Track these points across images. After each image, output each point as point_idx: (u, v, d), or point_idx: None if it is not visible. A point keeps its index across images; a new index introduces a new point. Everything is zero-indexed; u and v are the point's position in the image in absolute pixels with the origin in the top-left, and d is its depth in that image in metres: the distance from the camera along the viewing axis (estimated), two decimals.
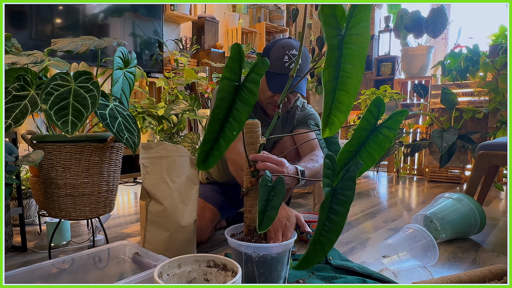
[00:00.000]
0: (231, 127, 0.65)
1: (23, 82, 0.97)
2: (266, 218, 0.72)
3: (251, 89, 0.65)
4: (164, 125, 2.55)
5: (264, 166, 0.87)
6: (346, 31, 0.56)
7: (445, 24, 2.82)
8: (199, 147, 0.66)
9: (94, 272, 0.92)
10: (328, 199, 0.60)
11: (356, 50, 0.56)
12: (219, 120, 0.65)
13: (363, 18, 0.55)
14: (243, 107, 0.65)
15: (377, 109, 0.65)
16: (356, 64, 0.57)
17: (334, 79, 0.58)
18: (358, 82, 0.58)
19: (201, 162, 0.66)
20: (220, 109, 0.65)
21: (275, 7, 4.08)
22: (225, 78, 0.64)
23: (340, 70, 0.57)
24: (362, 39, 0.56)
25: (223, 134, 0.65)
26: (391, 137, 0.67)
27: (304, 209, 1.90)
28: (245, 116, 0.65)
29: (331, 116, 0.60)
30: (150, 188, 1.06)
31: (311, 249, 0.59)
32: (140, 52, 3.00)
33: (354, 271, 1.05)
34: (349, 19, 0.55)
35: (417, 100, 3.30)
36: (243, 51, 0.63)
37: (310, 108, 1.43)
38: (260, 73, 0.64)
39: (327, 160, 0.61)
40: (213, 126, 0.65)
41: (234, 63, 0.63)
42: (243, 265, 0.85)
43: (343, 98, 0.59)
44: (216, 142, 0.66)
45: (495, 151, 1.60)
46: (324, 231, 0.59)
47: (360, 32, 0.56)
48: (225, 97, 0.64)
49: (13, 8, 2.27)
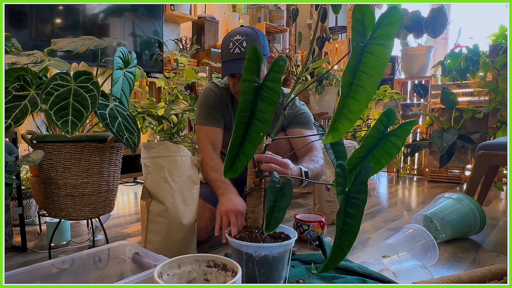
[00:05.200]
0: (256, 128, 0.64)
1: (23, 82, 0.97)
2: (273, 219, 0.73)
3: (273, 88, 0.63)
4: (164, 125, 2.55)
5: (269, 167, 0.87)
6: (370, 39, 0.55)
7: (445, 24, 2.81)
8: (226, 155, 0.65)
9: (94, 272, 0.92)
10: (343, 206, 0.60)
11: (376, 60, 0.56)
12: (244, 124, 0.64)
13: (390, 30, 0.54)
14: (266, 107, 0.64)
15: (388, 119, 0.65)
16: (373, 74, 0.56)
17: (349, 85, 0.57)
18: (372, 92, 0.57)
19: (228, 169, 0.65)
20: (244, 112, 0.64)
21: (275, 7, 4.07)
22: (245, 81, 0.63)
23: (355, 78, 0.57)
24: (385, 50, 0.55)
25: (248, 137, 0.65)
26: (400, 145, 0.67)
27: (304, 209, 1.91)
28: (270, 115, 0.64)
29: (337, 122, 0.60)
30: (151, 188, 1.06)
31: (332, 254, 0.60)
32: (140, 52, 3.00)
33: (354, 271, 1.05)
34: (376, 28, 0.55)
35: (417, 100, 3.30)
36: (260, 51, 0.63)
37: (302, 106, 1.42)
38: (280, 70, 0.63)
39: (338, 169, 0.61)
40: (238, 131, 0.64)
41: (252, 64, 0.62)
42: (243, 265, 0.85)
43: (353, 106, 0.59)
44: (242, 146, 0.65)
45: (495, 151, 1.60)
46: (342, 235, 0.60)
47: (384, 43, 0.55)
48: (247, 100, 0.63)
49: (13, 8, 2.27)
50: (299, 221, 1.35)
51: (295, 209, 1.89)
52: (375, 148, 0.68)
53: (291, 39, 4.24)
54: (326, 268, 0.61)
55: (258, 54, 0.62)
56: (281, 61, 0.63)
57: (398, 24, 0.54)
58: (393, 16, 0.54)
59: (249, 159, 0.66)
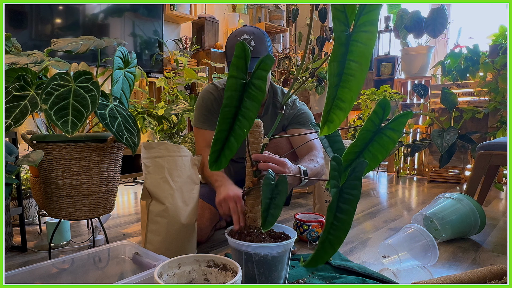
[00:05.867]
0: (240, 124, 0.65)
1: (23, 82, 0.97)
2: (270, 216, 0.73)
3: (258, 86, 0.64)
4: (164, 125, 2.55)
5: (266, 166, 0.87)
6: (354, 28, 0.56)
7: (445, 24, 2.81)
8: (211, 148, 0.66)
9: (94, 272, 0.92)
10: (335, 200, 0.60)
11: (363, 48, 0.56)
12: (228, 119, 0.65)
13: (372, 16, 0.55)
14: (252, 104, 0.65)
15: (382, 110, 0.65)
16: (361, 61, 0.57)
17: (338, 75, 0.58)
18: (361, 80, 0.58)
19: (213, 162, 0.65)
20: (229, 107, 0.64)
21: (275, 7, 4.07)
22: (232, 77, 0.63)
23: (344, 67, 0.57)
24: (370, 37, 0.56)
25: (233, 132, 0.65)
26: (395, 138, 0.66)
27: (304, 209, 1.90)
28: (254, 113, 0.65)
29: (331, 113, 0.60)
30: (151, 188, 1.06)
31: (320, 247, 0.59)
32: (140, 52, 3.00)
33: (354, 271, 1.05)
34: (359, 16, 0.55)
35: (417, 100, 3.30)
36: (248, 49, 0.63)
37: (302, 105, 1.42)
38: (267, 69, 0.64)
39: (333, 162, 0.61)
40: (223, 125, 0.65)
41: (239, 61, 0.63)
42: (243, 264, 0.85)
43: (345, 96, 0.59)
44: (227, 141, 0.65)
45: (495, 151, 1.60)
46: (332, 229, 0.59)
47: (368, 29, 0.56)
48: (233, 96, 0.64)
49: (13, 8, 2.27)
50: (299, 221, 1.35)
51: (295, 209, 1.89)
52: (371, 142, 0.67)
53: (291, 39, 4.24)
54: (313, 262, 0.59)
55: (246, 52, 0.63)
56: (267, 60, 0.64)
57: (380, 9, 0.55)
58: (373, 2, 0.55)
59: (233, 153, 0.66)
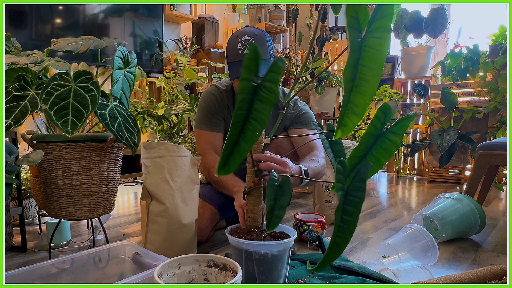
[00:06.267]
0: (252, 128, 0.64)
1: (23, 82, 0.97)
2: (275, 217, 0.73)
3: (270, 88, 0.64)
4: (164, 125, 2.55)
5: (267, 166, 0.87)
6: (366, 33, 0.56)
7: (445, 24, 2.81)
8: (221, 152, 0.66)
9: (94, 272, 0.92)
10: (341, 203, 0.60)
11: (375, 53, 0.57)
12: (240, 122, 0.64)
13: (385, 22, 0.55)
14: (263, 107, 0.64)
15: (384, 115, 0.65)
16: (373, 67, 0.58)
17: (351, 80, 0.58)
18: (374, 84, 0.58)
19: (221, 167, 0.65)
20: (241, 110, 0.64)
21: (275, 7, 4.07)
22: (244, 80, 0.63)
23: (357, 72, 0.58)
24: (382, 42, 0.56)
25: (244, 135, 0.65)
26: (398, 142, 0.67)
27: (304, 209, 1.90)
28: (266, 115, 0.65)
29: (345, 117, 0.61)
30: (151, 188, 1.06)
31: (328, 251, 0.60)
32: (140, 52, 3.00)
33: (354, 271, 1.05)
34: (371, 22, 0.56)
35: (417, 100, 3.30)
36: (260, 51, 0.63)
37: (304, 106, 1.42)
38: (279, 72, 0.63)
39: (339, 165, 0.61)
40: (235, 129, 0.64)
41: (251, 63, 0.62)
42: (243, 263, 0.85)
43: (358, 100, 0.60)
44: (237, 144, 0.65)
45: (495, 151, 1.60)
46: (339, 232, 0.60)
47: (380, 35, 0.56)
48: (245, 98, 0.63)
49: (13, 8, 2.27)
50: (299, 221, 1.35)
51: (295, 209, 1.89)
52: (374, 146, 0.68)
53: (291, 39, 4.24)
54: (322, 265, 0.60)
55: (258, 54, 0.62)
56: (280, 62, 0.63)
57: (392, 16, 0.56)
58: (386, 9, 0.56)
59: (243, 157, 0.66)
